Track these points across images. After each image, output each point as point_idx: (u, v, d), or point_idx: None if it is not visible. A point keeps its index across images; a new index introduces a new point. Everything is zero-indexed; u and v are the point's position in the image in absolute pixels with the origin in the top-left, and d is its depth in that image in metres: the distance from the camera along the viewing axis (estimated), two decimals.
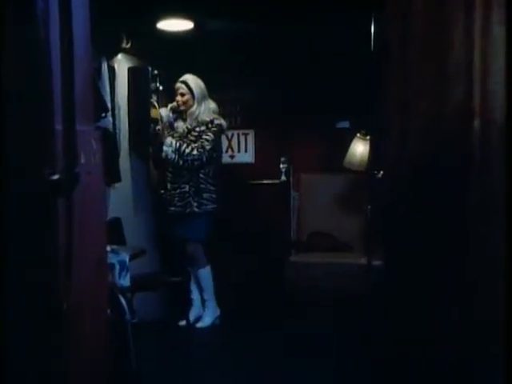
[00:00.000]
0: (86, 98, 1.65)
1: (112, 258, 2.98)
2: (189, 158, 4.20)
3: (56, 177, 1.43)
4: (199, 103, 4.30)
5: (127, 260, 3.06)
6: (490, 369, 1.64)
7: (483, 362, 1.67)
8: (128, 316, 3.15)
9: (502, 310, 1.58)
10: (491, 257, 1.65)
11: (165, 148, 4.22)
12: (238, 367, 3.60)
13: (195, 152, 4.20)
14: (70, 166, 1.48)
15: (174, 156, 4.21)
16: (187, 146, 4.20)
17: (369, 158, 4.43)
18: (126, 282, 3.03)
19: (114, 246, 3.17)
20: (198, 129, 4.27)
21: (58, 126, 1.48)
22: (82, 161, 1.60)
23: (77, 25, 1.53)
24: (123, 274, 3.01)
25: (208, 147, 4.22)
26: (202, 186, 4.29)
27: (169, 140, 4.23)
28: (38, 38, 1.40)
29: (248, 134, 5.43)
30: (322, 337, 4.04)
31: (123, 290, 3.15)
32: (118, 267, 2.99)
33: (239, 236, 5.23)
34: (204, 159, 4.22)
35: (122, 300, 3.14)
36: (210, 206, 4.31)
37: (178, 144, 4.21)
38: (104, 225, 1.81)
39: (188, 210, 4.26)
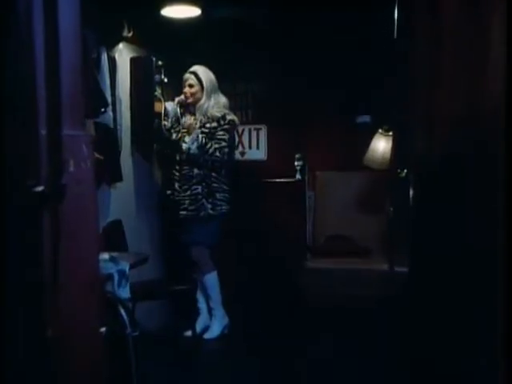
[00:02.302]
0: (75, 98, 1.57)
1: (110, 268, 2.90)
2: (211, 159, 4.14)
3: (40, 188, 1.36)
4: (208, 96, 4.23)
5: (127, 269, 2.98)
6: None
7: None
8: (129, 329, 3.08)
9: None
10: None
11: (189, 142, 4.13)
12: (250, 380, 3.56)
13: (218, 153, 4.13)
14: (56, 175, 1.41)
15: (197, 152, 4.13)
16: (211, 146, 4.13)
17: (391, 155, 4.35)
18: (125, 293, 2.95)
19: (114, 254, 3.09)
20: (208, 125, 4.20)
21: (43, 131, 1.41)
22: (71, 169, 1.53)
23: (64, 13, 1.45)
24: (122, 284, 2.93)
25: (226, 149, 4.17)
26: (215, 185, 4.23)
27: (196, 133, 4.14)
28: (18, 31, 1.32)
29: (260, 129, 5.34)
30: (339, 348, 3.99)
31: (124, 301, 3.08)
32: (116, 277, 2.91)
33: (250, 239, 5.15)
34: (223, 161, 4.19)
35: (123, 312, 3.08)
36: (225, 207, 4.26)
37: (204, 141, 4.13)
38: (97, 237, 1.74)
39: (202, 213, 4.20)
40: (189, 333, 4.21)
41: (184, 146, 4.17)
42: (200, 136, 4.14)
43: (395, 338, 3.28)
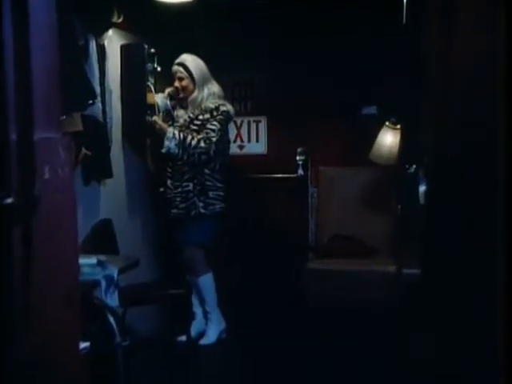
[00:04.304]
0: (50, 97, 1.46)
1: (98, 273, 2.81)
2: (196, 152, 4.05)
3: (9, 200, 1.27)
4: (201, 88, 4.17)
5: (115, 275, 2.88)
6: None
7: None
8: (118, 338, 3.00)
9: None
10: None
11: (166, 142, 4.06)
12: None
13: (202, 144, 4.04)
14: (28, 185, 1.30)
15: (177, 150, 4.06)
16: (192, 138, 4.04)
17: (399, 150, 4.26)
18: (113, 300, 2.86)
19: (102, 257, 2.99)
20: (201, 117, 4.14)
21: (13, 136, 1.30)
22: (46, 176, 1.42)
23: (36, 2, 1.34)
24: (110, 291, 2.84)
25: (215, 139, 4.08)
26: (208, 183, 4.16)
27: (171, 131, 4.07)
28: None
29: (260, 121, 5.23)
30: (343, 354, 3.94)
31: (113, 308, 3.00)
32: (104, 284, 2.82)
33: (248, 238, 5.07)
34: (211, 153, 4.08)
35: (111, 319, 2.99)
36: (218, 206, 4.20)
37: (181, 136, 4.05)
38: (76, 249, 1.64)
39: (193, 213, 4.13)
40: (183, 338, 4.13)
41: (164, 145, 4.08)
42: (176, 132, 4.06)
43: (401, 342, 3.21)
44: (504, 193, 1.69)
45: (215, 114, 4.11)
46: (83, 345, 2.03)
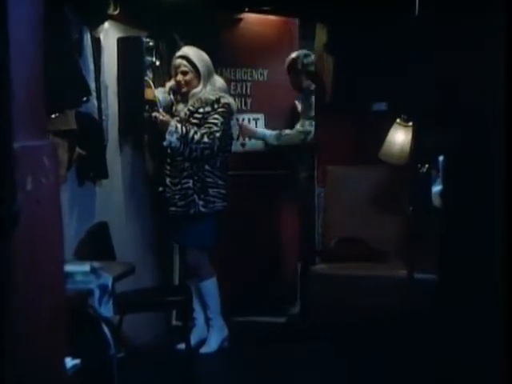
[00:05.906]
0: (33, 101, 1.39)
1: (91, 282, 2.75)
2: (199, 147, 4.00)
3: None
4: (206, 82, 4.13)
5: (110, 283, 2.83)
6: None
7: None
8: (113, 350, 2.95)
9: None
10: None
11: (167, 136, 4.00)
12: None
13: (206, 139, 3.99)
14: (7, 198, 1.23)
15: (179, 144, 4.00)
16: (195, 133, 4.00)
17: (411, 148, 4.22)
18: (107, 310, 2.80)
19: (96, 264, 2.93)
20: (201, 110, 4.09)
21: None
22: (29, 187, 1.36)
23: None
24: (104, 300, 2.78)
25: (218, 134, 4.03)
26: (209, 179, 4.12)
27: (173, 124, 4.01)
28: None
29: (258, 119, 5.15)
30: (351, 364, 3.92)
31: (107, 318, 2.95)
32: (97, 293, 2.76)
33: (250, 241, 5.03)
34: (215, 148, 4.03)
35: (106, 330, 2.95)
36: (220, 204, 4.15)
37: (184, 130, 4.00)
38: (61, 266, 1.57)
39: (192, 211, 4.09)
40: (182, 346, 4.08)
41: (166, 138, 4.02)
42: (179, 125, 4.01)
43: (409, 348, 3.24)
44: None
45: (216, 106, 4.06)
46: (73, 362, 1.98)
